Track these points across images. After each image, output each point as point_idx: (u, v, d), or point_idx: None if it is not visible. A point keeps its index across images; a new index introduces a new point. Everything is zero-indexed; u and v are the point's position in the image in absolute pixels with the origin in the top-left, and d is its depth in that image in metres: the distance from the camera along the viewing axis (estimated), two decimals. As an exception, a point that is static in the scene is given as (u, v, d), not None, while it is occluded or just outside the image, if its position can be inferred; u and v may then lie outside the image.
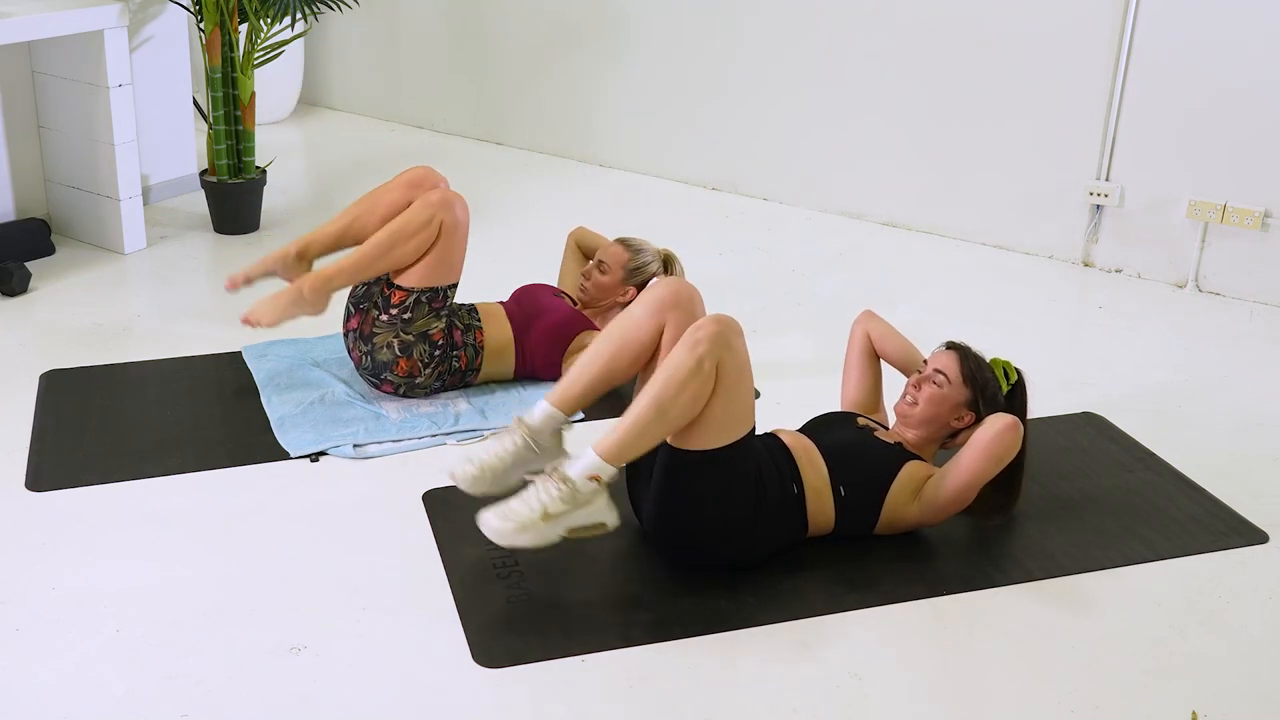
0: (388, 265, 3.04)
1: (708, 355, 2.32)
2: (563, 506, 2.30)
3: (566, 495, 2.30)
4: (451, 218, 3.03)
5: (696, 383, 2.32)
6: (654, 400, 2.33)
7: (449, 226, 3.03)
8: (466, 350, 3.17)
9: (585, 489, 2.32)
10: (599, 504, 2.35)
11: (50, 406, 3.08)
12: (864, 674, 2.25)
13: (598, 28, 5.16)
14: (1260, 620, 2.46)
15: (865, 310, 2.98)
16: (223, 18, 4.14)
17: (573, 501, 2.30)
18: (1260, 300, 4.10)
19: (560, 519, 2.30)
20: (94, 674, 2.16)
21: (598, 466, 2.32)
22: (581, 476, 2.32)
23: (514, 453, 2.48)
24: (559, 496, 2.29)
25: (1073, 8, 4.18)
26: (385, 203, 3.13)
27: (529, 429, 2.49)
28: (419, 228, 3.01)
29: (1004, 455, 2.53)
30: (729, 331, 2.37)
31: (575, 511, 2.32)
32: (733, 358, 2.35)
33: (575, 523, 2.33)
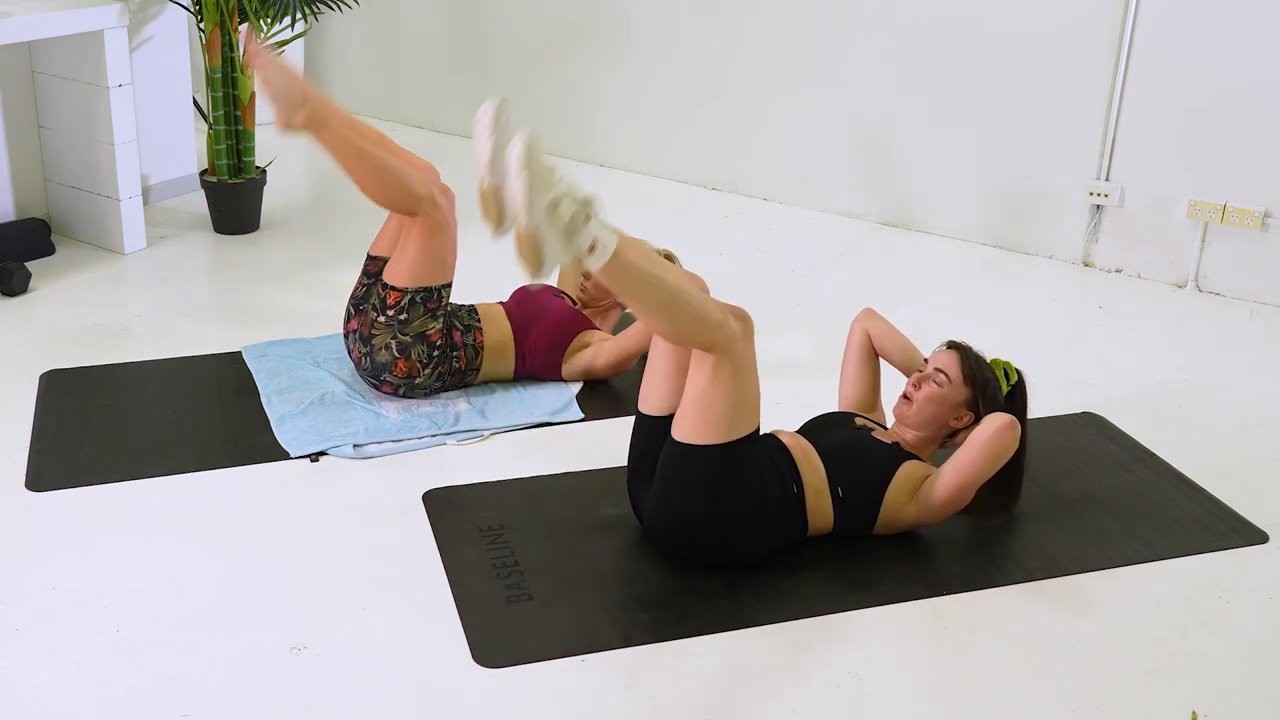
0: (362, 176, 2.98)
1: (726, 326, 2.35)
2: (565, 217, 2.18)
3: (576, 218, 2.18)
4: (440, 214, 3.03)
5: (700, 326, 2.33)
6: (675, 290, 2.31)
7: (437, 223, 3.02)
8: (466, 350, 3.17)
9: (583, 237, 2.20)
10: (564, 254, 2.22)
11: (50, 406, 3.08)
12: (864, 674, 2.25)
13: (598, 28, 5.16)
14: (1260, 620, 2.46)
15: (865, 308, 2.98)
16: (223, 18, 4.14)
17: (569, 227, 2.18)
18: (1260, 300, 4.10)
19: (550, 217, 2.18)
20: (94, 674, 2.16)
21: (605, 246, 2.22)
22: (592, 231, 2.21)
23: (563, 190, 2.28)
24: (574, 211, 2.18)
25: (1073, 8, 4.18)
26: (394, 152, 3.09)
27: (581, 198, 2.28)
28: (407, 185, 2.98)
29: (1001, 454, 2.52)
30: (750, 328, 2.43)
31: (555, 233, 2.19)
32: (746, 351, 2.39)
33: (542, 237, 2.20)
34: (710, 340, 2.34)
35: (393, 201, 3.03)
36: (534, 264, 2.24)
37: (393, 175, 3.00)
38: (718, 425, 2.38)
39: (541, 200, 2.19)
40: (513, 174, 2.18)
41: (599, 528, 2.65)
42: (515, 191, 2.19)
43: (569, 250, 2.23)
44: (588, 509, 2.72)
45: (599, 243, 2.23)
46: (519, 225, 2.21)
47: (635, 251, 2.29)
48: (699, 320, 2.33)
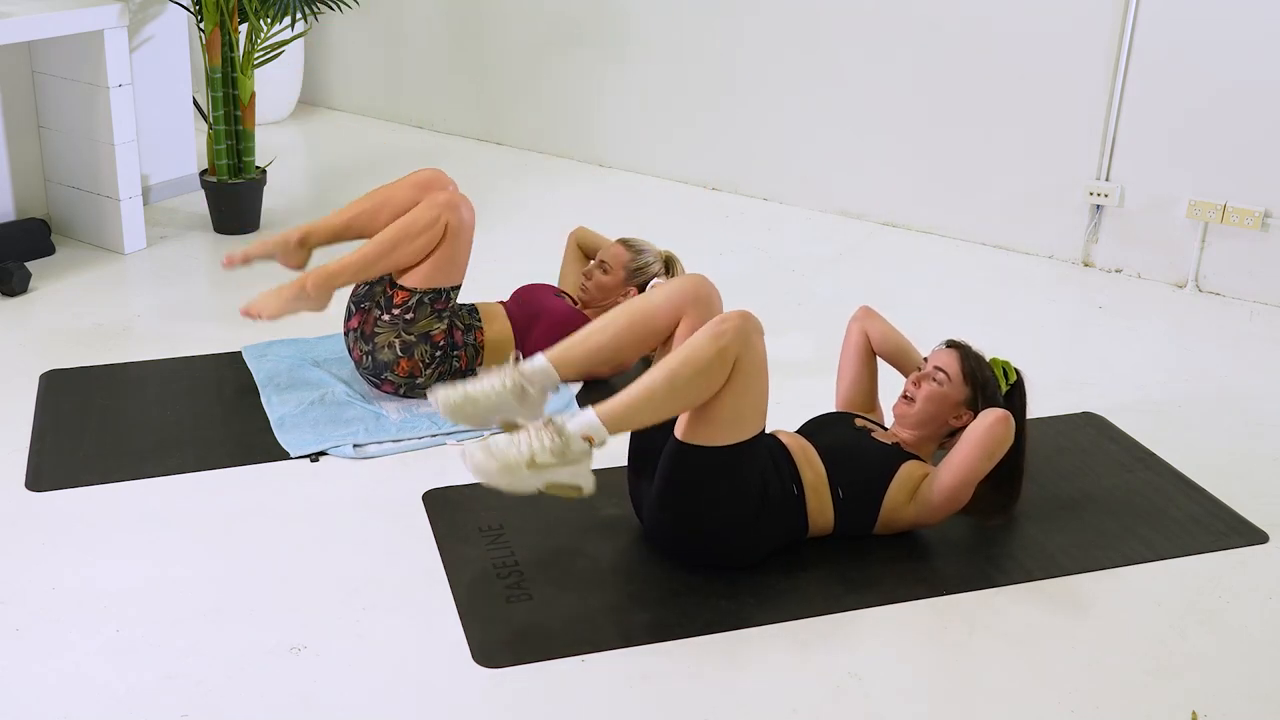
0: (391, 264, 3.04)
1: (730, 347, 2.33)
2: (551, 459, 2.26)
3: (557, 448, 2.27)
4: (457, 219, 3.03)
5: (712, 370, 2.32)
6: (669, 377, 2.32)
7: (454, 228, 3.03)
8: (467, 350, 3.17)
9: (576, 447, 2.29)
10: (584, 466, 2.31)
11: (50, 406, 3.08)
12: (864, 674, 2.25)
13: (598, 28, 5.16)
14: (1260, 620, 2.46)
15: (863, 306, 2.97)
16: (223, 18, 4.14)
17: (561, 456, 2.27)
18: (1260, 300, 4.10)
19: (544, 471, 2.27)
20: (94, 674, 2.16)
21: (594, 428, 2.30)
22: (576, 433, 2.29)
23: (500, 392, 2.44)
24: (549, 448, 2.26)
25: (1073, 8, 4.18)
26: (394, 201, 3.12)
27: (522, 373, 2.46)
28: (424, 227, 3.01)
29: (996, 450, 2.52)
30: (753, 328, 2.38)
31: (560, 468, 2.28)
32: (752, 355, 2.36)
33: (557, 479, 2.29)
34: (726, 365, 2.34)
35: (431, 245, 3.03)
36: (574, 492, 2.33)
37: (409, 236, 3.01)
38: (723, 427, 2.38)
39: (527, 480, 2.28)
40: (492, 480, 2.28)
41: (599, 528, 2.65)
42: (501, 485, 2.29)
43: (578, 467, 2.31)
44: (588, 509, 2.72)
45: (593, 436, 2.30)
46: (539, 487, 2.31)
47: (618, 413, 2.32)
48: (705, 374, 2.32)
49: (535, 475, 2.27)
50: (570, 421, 2.31)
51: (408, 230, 3.01)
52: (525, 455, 2.26)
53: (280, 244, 3.15)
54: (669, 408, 2.35)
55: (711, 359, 2.32)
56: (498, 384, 2.44)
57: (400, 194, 3.13)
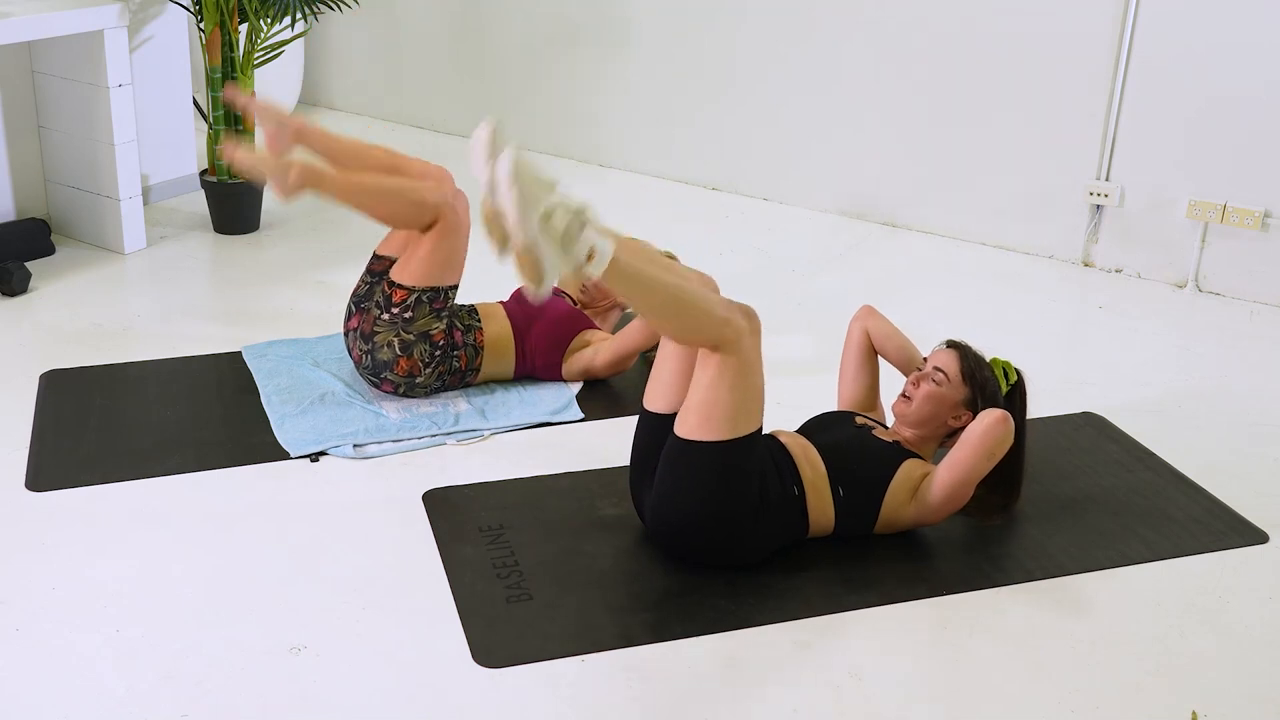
0: (372, 209, 2.99)
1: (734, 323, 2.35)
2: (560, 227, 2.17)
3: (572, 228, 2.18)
4: (455, 217, 3.03)
5: (706, 322, 2.33)
6: (677, 287, 2.32)
7: (452, 225, 3.03)
8: (466, 350, 3.17)
9: (580, 247, 2.19)
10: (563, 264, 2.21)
11: (50, 406, 3.08)
12: (864, 674, 2.25)
13: (598, 28, 5.16)
14: (1260, 620, 2.46)
15: (864, 306, 2.98)
16: (223, 18, 4.14)
17: (566, 237, 2.18)
18: (1260, 300, 4.10)
19: (544, 230, 2.18)
20: (94, 674, 2.16)
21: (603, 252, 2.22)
22: (589, 240, 2.20)
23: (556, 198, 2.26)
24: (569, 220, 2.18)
25: (1073, 8, 4.18)
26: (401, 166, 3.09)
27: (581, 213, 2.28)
28: (418, 201, 2.99)
29: (995, 449, 2.52)
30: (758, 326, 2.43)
31: (552, 245, 2.19)
32: (753, 349, 2.40)
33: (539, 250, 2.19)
34: (716, 337, 2.34)
35: (411, 221, 3.02)
36: (534, 278, 2.23)
37: (401, 198, 3.00)
38: (721, 422, 2.38)
39: (534, 214, 2.18)
40: (501, 191, 2.17)
41: (599, 528, 2.65)
42: (507, 208, 2.18)
43: (567, 261, 2.22)
44: (588, 509, 2.72)
45: (596, 250, 2.22)
46: (515, 241, 2.21)
47: (635, 255, 2.29)
48: (704, 318, 2.34)
49: (538, 226, 2.17)
50: (592, 230, 2.22)
51: (405, 192, 2.99)
52: (550, 204, 2.18)
53: (278, 116, 3.02)
54: (653, 305, 2.32)
55: (714, 318, 2.33)
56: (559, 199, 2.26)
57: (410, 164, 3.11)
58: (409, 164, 3.12)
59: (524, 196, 2.16)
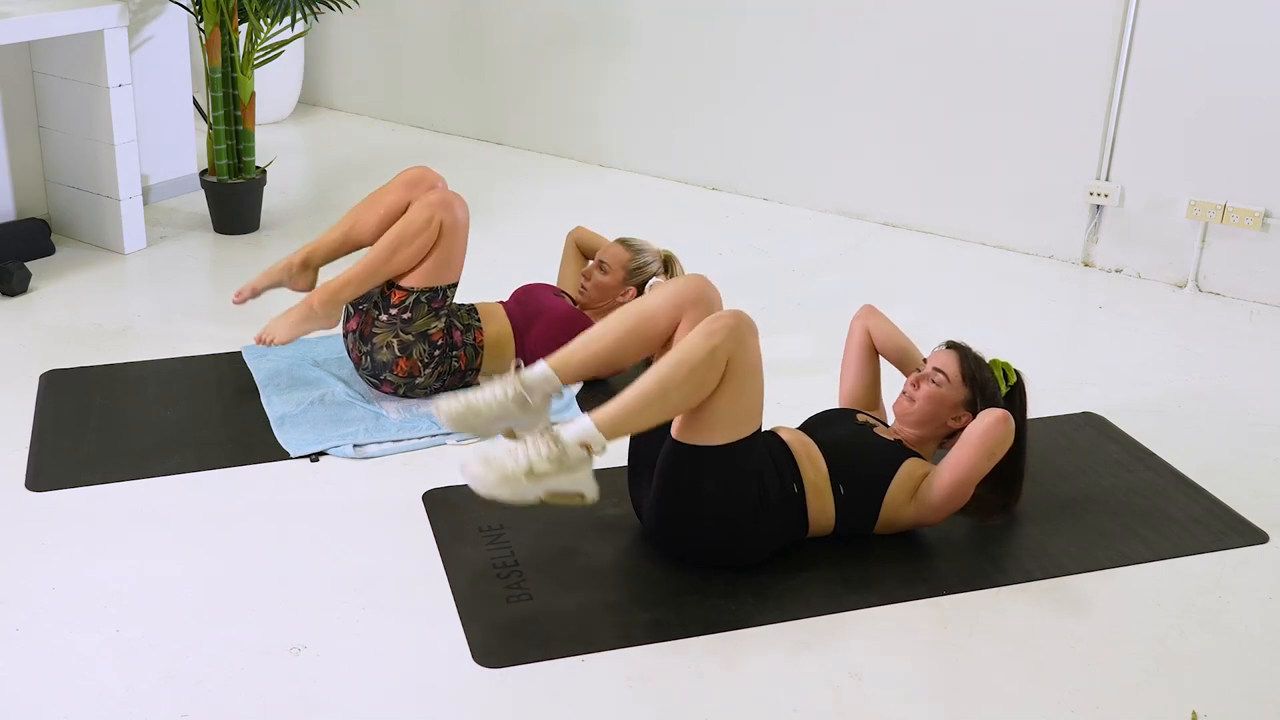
0: (392, 270, 3.04)
1: (721, 346, 2.33)
2: (548, 467, 2.27)
3: (554, 456, 2.27)
4: (451, 218, 3.03)
5: (705, 370, 2.32)
6: (660, 380, 2.32)
7: (449, 226, 3.03)
8: (466, 350, 3.17)
9: (574, 455, 2.29)
10: (583, 473, 2.32)
11: (50, 406, 3.08)
12: (864, 674, 2.25)
13: (598, 28, 5.16)
14: (1260, 620, 2.46)
15: (866, 305, 2.98)
16: (223, 18, 4.14)
17: (559, 465, 2.28)
18: (1260, 300, 4.10)
19: (543, 480, 2.27)
20: (93, 674, 2.16)
21: (591, 435, 2.31)
22: (573, 441, 2.30)
23: (502, 402, 2.44)
24: (547, 456, 2.27)
25: (1073, 8, 4.18)
26: (384, 204, 3.13)
27: (523, 382, 2.46)
28: (419, 229, 3.01)
29: (995, 449, 2.52)
30: (745, 328, 2.38)
31: (559, 476, 2.29)
32: (745, 354, 2.36)
33: (557, 487, 2.30)
34: (720, 365, 2.34)
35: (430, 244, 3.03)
36: (577, 500, 2.34)
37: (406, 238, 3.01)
38: (718, 426, 2.38)
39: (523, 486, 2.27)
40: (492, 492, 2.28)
41: (599, 528, 2.65)
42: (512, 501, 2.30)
43: (580, 475, 2.32)
44: (588, 509, 2.71)
45: (589, 443, 2.31)
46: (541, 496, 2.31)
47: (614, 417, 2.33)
48: (696, 370, 2.33)
49: (534, 484, 2.27)
50: (567, 429, 2.31)
51: (404, 235, 3.01)
52: (523, 465, 2.26)
53: (284, 270, 3.16)
54: (664, 410, 2.35)
55: (703, 359, 2.32)
56: (499, 393, 2.44)
57: (390, 195, 3.13)
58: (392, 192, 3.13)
59: (508, 489, 2.27)
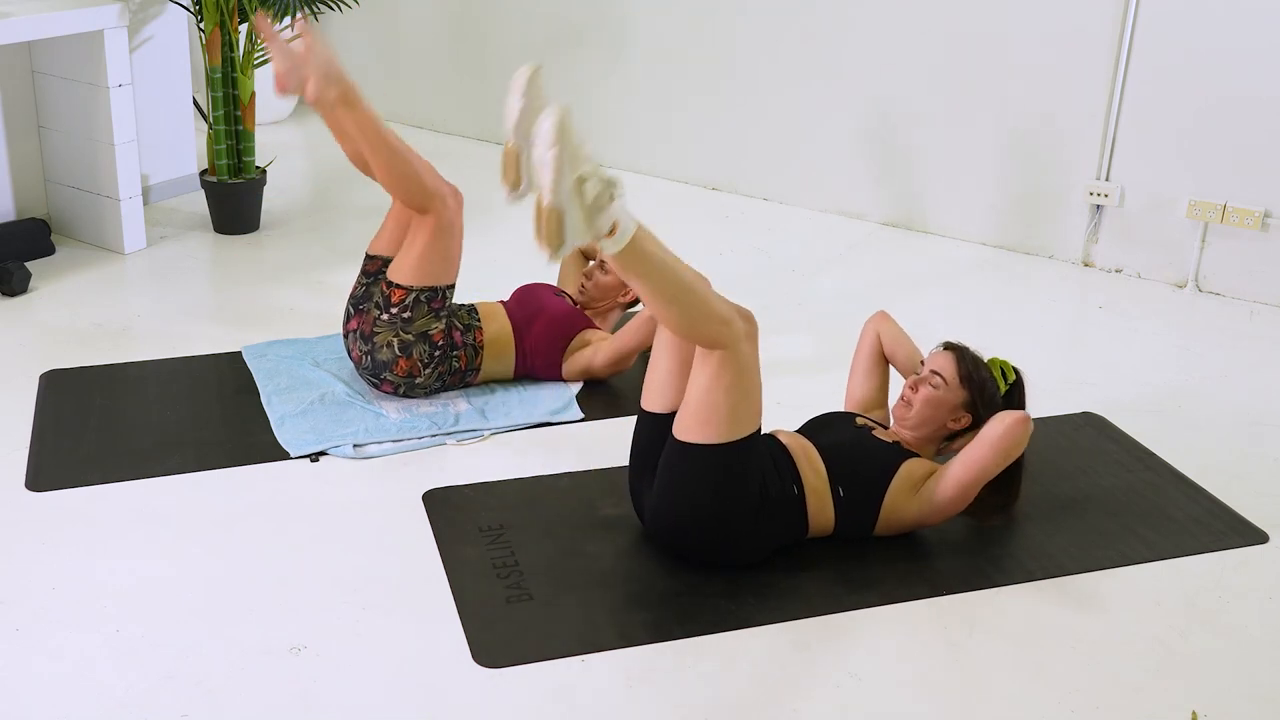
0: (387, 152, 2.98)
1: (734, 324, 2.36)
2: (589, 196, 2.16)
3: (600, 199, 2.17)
4: (447, 213, 3.03)
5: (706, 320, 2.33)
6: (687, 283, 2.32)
7: (445, 222, 3.03)
8: (466, 350, 3.17)
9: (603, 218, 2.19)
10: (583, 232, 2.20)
11: (50, 406, 3.08)
12: (864, 674, 2.25)
13: (598, 28, 5.16)
14: (1260, 620, 2.46)
15: (880, 311, 2.99)
16: (223, 18, 4.14)
17: (592, 207, 2.17)
18: (1260, 300, 4.10)
19: (575, 193, 2.16)
20: (94, 673, 2.16)
21: (625, 229, 2.22)
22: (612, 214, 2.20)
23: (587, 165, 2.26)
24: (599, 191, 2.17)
25: (1073, 8, 4.18)
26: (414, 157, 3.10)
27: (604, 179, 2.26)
28: (424, 174, 3.00)
29: (1012, 450, 2.53)
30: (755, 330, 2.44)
31: (578, 210, 2.17)
32: (751, 351, 2.40)
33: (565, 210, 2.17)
34: (716, 336, 2.35)
35: (407, 193, 3.02)
36: (554, 240, 2.20)
37: (411, 167, 3.01)
38: (719, 425, 2.38)
39: (569, 177, 2.16)
40: (542, 148, 2.15)
41: (599, 528, 2.65)
42: (544, 166, 2.15)
43: (590, 229, 2.21)
44: (588, 509, 2.72)
45: (619, 226, 2.23)
46: (543, 200, 2.18)
47: (651, 240, 2.30)
48: (707, 315, 2.34)
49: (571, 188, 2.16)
50: (620, 205, 2.22)
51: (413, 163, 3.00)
52: (587, 169, 2.16)
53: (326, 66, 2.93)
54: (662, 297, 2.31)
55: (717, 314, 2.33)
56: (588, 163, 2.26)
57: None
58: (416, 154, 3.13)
59: (564, 157, 2.14)
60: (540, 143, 2.16)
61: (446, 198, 3.03)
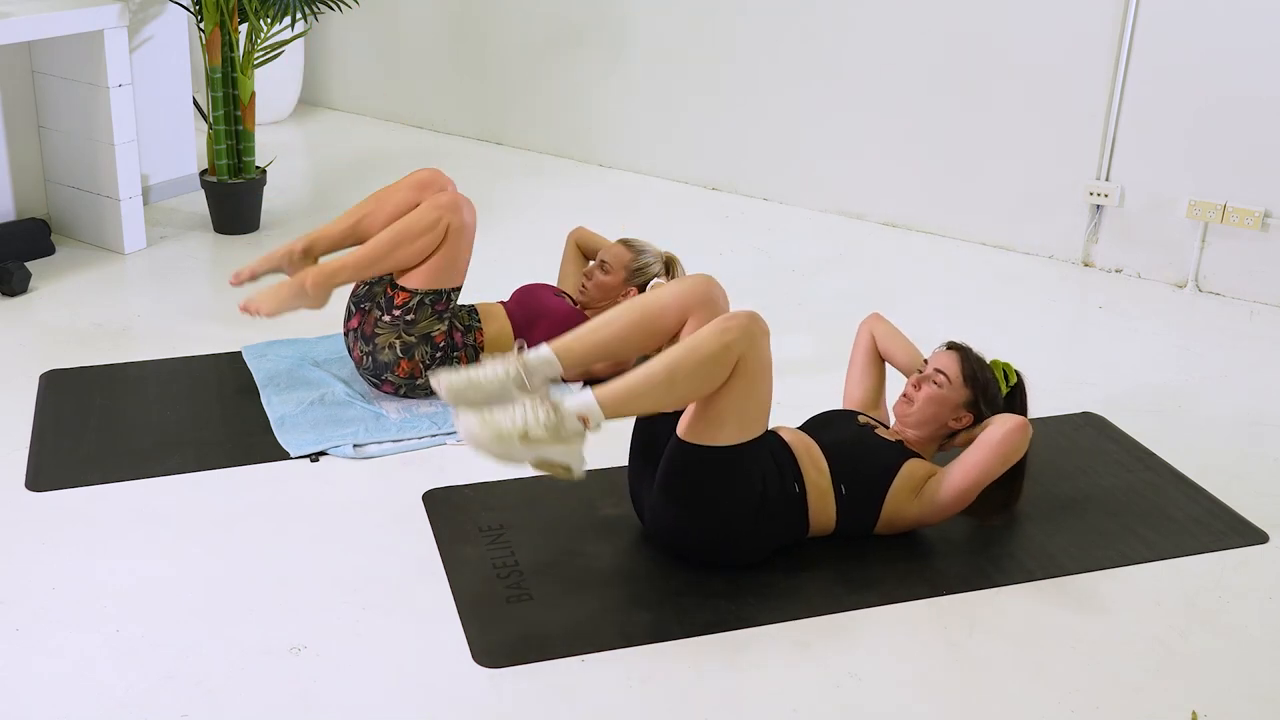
0: (391, 265, 3.04)
1: (735, 344, 2.33)
2: (543, 434, 2.26)
3: (551, 425, 2.26)
4: (459, 221, 3.03)
5: (714, 365, 2.32)
6: (668, 367, 2.32)
7: (455, 229, 3.03)
8: (467, 351, 3.17)
9: (570, 426, 2.28)
10: (576, 447, 2.31)
11: (50, 406, 3.08)
12: (864, 674, 2.25)
13: (598, 28, 5.16)
14: (1260, 620, 2.46)
15: (873, 313, 3.00)
16: (223, 18, 4.14)
17: (555, 434, 2.26)
18: (1260, 300, 4.10)
19: (536, 446, 2.26)
20: (94, 673, 2.16)
21: (591, 410, 2.30)
22: (572, 413, 2.29)
23: (501, 380, 2.41)
24: (544, 423, 2.26)
25: (1073, 8, 4.18)
26: (393, 203, 3.12)
27: (524, 363, 2.44)
28: (425, 229, 3.01)
29: (1012, 455, 2.53)
30: (759, 329, 2.39)
31: (552, 445, 2.27)
32: (757, 355, 2.37)
33: (548, 456, 2.29)
34: (731, 360, 2.34)
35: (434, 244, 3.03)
36: (565, 474, 2.33)
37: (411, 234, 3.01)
38: (725, 427, 2.38)
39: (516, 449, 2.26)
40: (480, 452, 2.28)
41: (599, 528, 2.65)
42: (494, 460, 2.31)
43: (572, 447, 2.30)
44: (588, 509, 2.72)
45: (587, 417, 2.30)
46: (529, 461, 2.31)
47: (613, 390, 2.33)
48: (706, 363, 2.33)
49: (527, 449, 2.26)
50: (568, 400, 2.30)
51: (409, 231, 3.01)
52: (519, 427, 2.25)
53: (285, 256, 3.15)
54: (668, 399, 2.35)
55: (715, 354, 2.32)
56: (500, 371, 2.42)
57: (399, 195, 3.13)
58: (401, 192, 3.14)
59: (499, 448, 2.26)
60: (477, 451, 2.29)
61: (459, 210, 3.03)
